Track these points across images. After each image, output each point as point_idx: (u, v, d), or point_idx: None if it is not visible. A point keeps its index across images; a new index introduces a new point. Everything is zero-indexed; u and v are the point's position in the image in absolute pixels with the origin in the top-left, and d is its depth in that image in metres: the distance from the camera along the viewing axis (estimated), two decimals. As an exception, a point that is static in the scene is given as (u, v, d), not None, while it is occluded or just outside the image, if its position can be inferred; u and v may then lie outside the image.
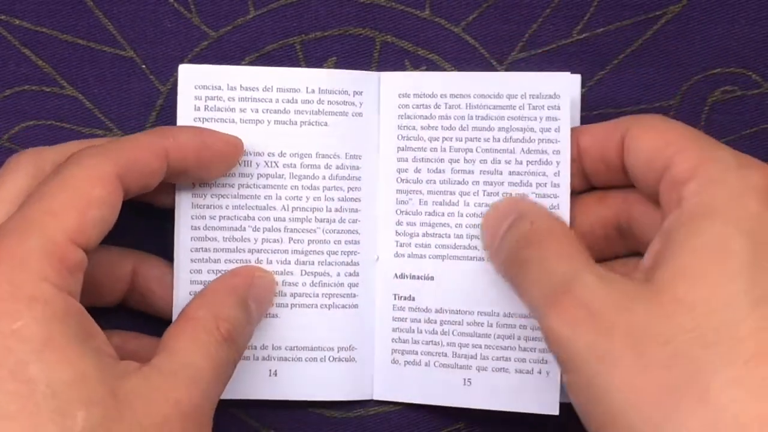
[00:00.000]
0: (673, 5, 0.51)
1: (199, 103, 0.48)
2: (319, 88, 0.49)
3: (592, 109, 0.51)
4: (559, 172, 0.47)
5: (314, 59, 0.51)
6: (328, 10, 0.51)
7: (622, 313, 0.39)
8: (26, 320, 0.38)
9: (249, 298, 0.46)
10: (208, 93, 0.48)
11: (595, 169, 0.47)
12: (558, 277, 0.41)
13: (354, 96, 0.49)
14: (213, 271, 0.48)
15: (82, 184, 0.41)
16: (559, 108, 0.47)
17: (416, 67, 0.51)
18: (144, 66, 0.51)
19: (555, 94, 0.47)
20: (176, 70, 0.50)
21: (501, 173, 0.47)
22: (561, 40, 0.51)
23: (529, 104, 0.47)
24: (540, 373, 0.48)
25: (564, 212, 0.47)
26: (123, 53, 0.51)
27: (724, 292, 0.38)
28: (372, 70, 0.51)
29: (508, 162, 0.47)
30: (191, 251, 0.48)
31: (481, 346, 0.48)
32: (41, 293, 0.39)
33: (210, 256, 0.48)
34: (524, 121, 0.47)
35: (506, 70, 0.51)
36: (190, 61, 0.51)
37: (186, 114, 0.48)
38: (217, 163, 0.47)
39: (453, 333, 0.49)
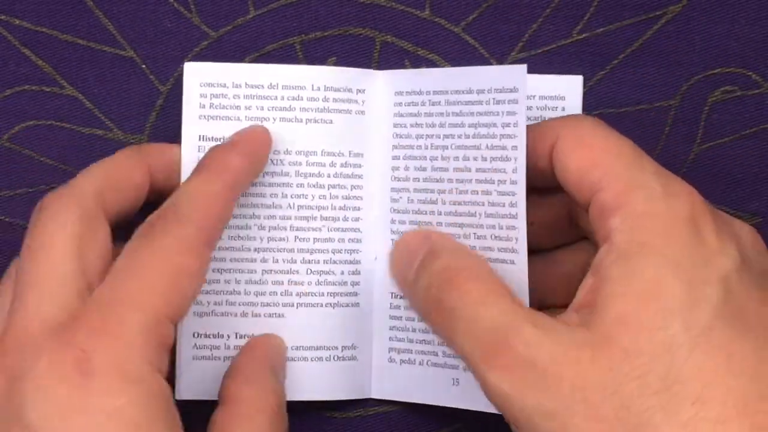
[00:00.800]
0: (673, 5, 0.51)
1: (204, 101, 0.48)
2: (325, 86, 0.49)
3: (592, 109, 0.51)
4: (516, 168, 0.45)
5: (314, 59, 0.51)
6: (328, 10, 0.51)
7: (568, 366, 0.38)
8: (128, 399, 0.38)
9: (277, 366, 0.47)
10: (213, 90, 0.48)
11: (530, 176, 0.45)
12: (492, 328, 0.40)
13: (357, 94, 0.49)
14: (218, 270, 0.48)
15: (176, 257, 0.41)
16: (517, 102, 0.45)
17: (416, 67, 0.51)
18: (144, 66, 0.51)
19: (514, 87, 0.45)
20: (176, 70, 0.50)
21: (470, 170, 0.46)
22: (561, 40, 0.51)
23: (494, 99, 0.46)
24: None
25: (520, 211, 0.45)
26: (123, 53, 0.51)
27: (663, 337, 0.38)
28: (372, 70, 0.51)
29: (475, 159, 0.46)
30: (196, 250, 0.48)
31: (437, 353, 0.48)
32: (142, 374, 0.39)
33: (216, 254, 0.48)
34: (489, 116, 0.46)
35: (506, 70, 0.51)
36: (191, 61, 0.51)
37: (191, 112, 0.48)
38: (262, 168, 0.48)
39: None
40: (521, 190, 0.44)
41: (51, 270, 0.41)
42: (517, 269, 0.44)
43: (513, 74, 0.45)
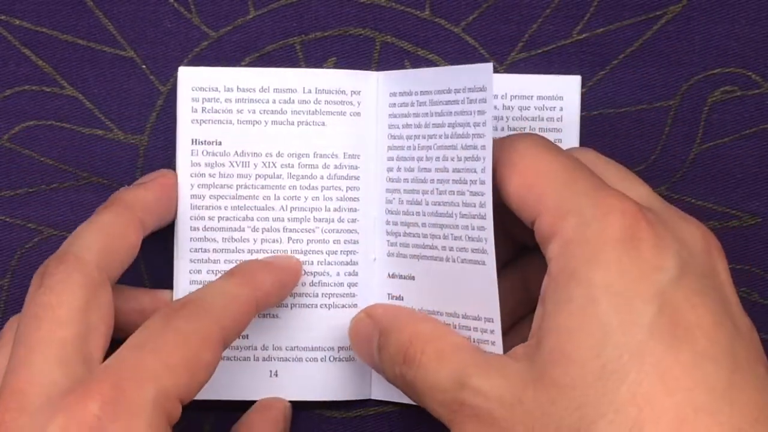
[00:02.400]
0: (673, 5, 0.51)
1: (197, 105, 0.49)
2: (316, 88, 0.49)
3: (592, 109, 0.51)
4: (484, 168, 0.44)
5: (314, 59, 0.51)
6: (328, 10, 0.51)
7: (515, 409, 0.39)
8: None
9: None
10: (206, 95, 0.49)
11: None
12: (446, 390, 0.42)
13: (352, 95, 0.49)
14: (212, 271, 0.49)
15: (195, 342, 0.41)
16: (485, 101, 0.44)
17: (416, 67, 0.51)
18: (144, 66, 0.51)
19: (482, 86, 0.44)
20: (176, 71, 0.50)
21: (448, 171, 0.46)
22: (561, 40, 0.51)
23: (467, 98, 0.45)
24: None
25: (488, 211, 0.44)
26: (123, 53, 0.51)
27: (594, 367, 0.38)
28: (372, 71, 0.51)
29: (452, 159, 0.45)
30: (190, 252, 0.49)
31: None
32: None
33: (209, 256, 0.49)
34: (464, 116, 0.45)
35: (506, 70, 0.51)
36: (190, 61, 0.51)
37: (184, 116, 0.49)
38: (287, 293, 0.48)
39: None
40: (488, 190, 0.43)
41: (56, 334, 0.41)
42: (488, 270, 0.44)
43: (480, 73, 0.44)
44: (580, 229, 0.40)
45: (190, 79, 0.49)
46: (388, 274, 0.49)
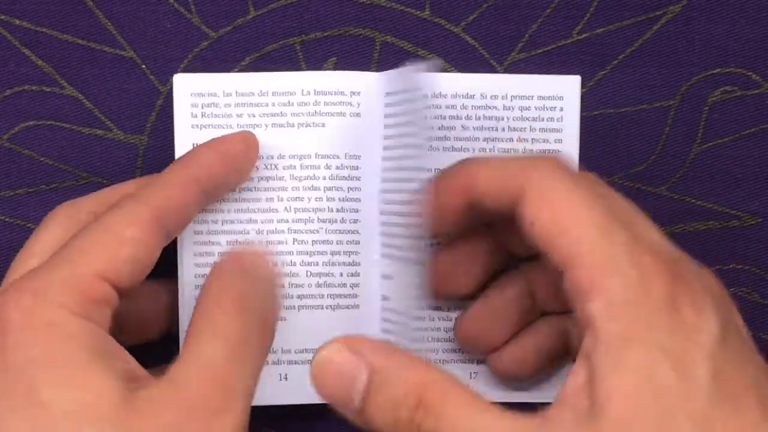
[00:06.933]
0: (673, 5, 0.51)
1: (196, 111, 0.48)
2: (315, 90, 0.49)
3: (593, 109, 0.51)
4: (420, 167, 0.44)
5: (314, 59, 0.51)
6: (328, 10, 0.51)
7: None
8: (41, 347, 0.38)
9: None
10: (204, 100, 0.48)
11: (492, 207, 0.43)
12: None
13: (351, 96, 0.49)
14: (217, 276, 0.49)
15: (116, 226, 0.41)
16: (414, 101, 0.45)
17: (416, 67, 0.51)
18: (144, 66, 0.51)
19: (415, 88, 0.45)
20: (176, 70, 0.50)
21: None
22: (561, 40, 0.51)
23: (405, 99, 0.46)
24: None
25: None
26: (123, 53, 0.51)
27: None
28: (372, 71, 0.51)
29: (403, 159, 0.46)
30: (195, 255, 0.48)
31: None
32: (57, 318, 0.39)
33: (214, 260, 0.48)
34: (407, 116, 0.46)
35: (506, 70, 0.51)
36: (190, 62, 0.51)
37: (184, 122, 0.48)
38: (242, 169, 0.47)
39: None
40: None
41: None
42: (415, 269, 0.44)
43: (404, 77, 0.45)
44: (628, 291, 0.38)
45: (188, 85, 0.49)
46: (383, 275, 0.49)
